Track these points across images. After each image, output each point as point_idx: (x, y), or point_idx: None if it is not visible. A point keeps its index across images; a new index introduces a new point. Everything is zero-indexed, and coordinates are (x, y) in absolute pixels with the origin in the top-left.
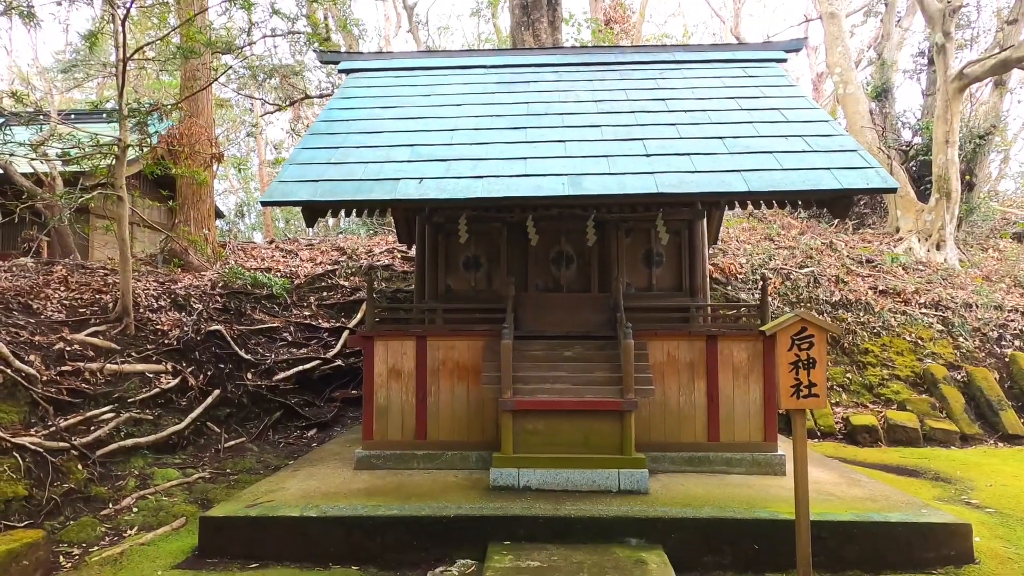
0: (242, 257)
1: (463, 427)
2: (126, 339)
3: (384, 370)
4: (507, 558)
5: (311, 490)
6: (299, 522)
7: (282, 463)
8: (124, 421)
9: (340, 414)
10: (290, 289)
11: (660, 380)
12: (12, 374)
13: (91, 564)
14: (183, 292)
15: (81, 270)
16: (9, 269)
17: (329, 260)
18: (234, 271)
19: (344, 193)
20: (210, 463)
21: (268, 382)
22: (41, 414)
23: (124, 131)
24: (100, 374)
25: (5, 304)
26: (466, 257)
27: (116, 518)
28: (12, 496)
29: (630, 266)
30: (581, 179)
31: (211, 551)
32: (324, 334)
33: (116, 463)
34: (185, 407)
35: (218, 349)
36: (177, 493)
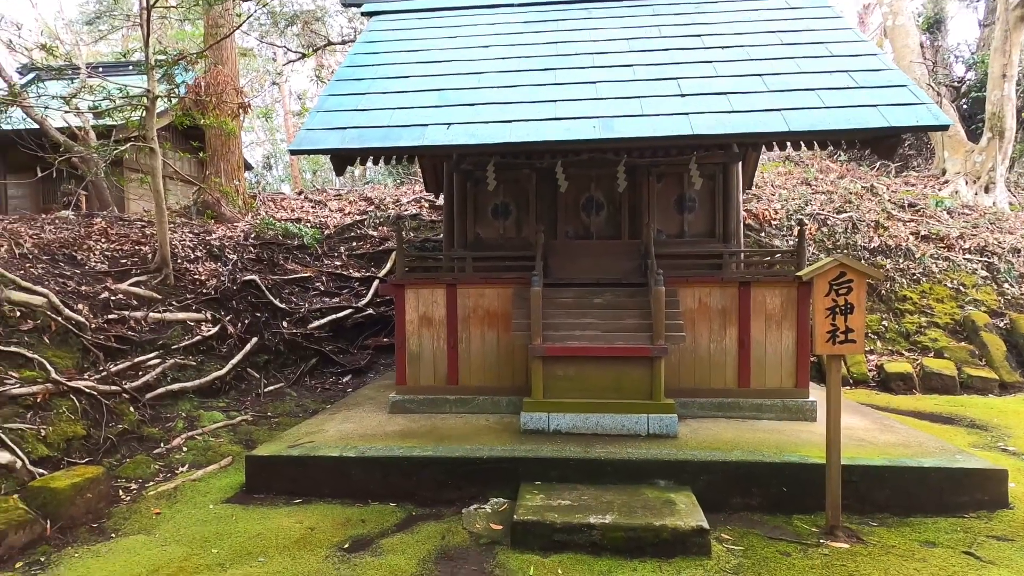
0: (272, 208)
1: (493, 373)
2: (166, 289)
3: (415, 317)
4: (538, 496)
5: (349, 432)
6: (338, 462)
7: (319, 407)
8: (170, 367)
9: (373, 361)
10: (320, 239)
11: (691, 327)
12: (63, 322)
13: (148, 498)
14: (217, 243)
15: (120, 222)
16: (52, 222)
17: (357, 210)
18: (266, 222)
19: (372, 140)
20: (252, 407)
21: (303, 330)
22: (92, 360)
23: (152, 82)
24: (144, 322)
25: (51, 255)
26: (495, 205)
27: (168, 457)
28: (72, 436)
29: (661, 212)
30: (612, 122)
31: (257, 487)
32: (355, 283)
33: (164, 406)
34: (225, 354)
35: (254, 298)
36: (223, 434)
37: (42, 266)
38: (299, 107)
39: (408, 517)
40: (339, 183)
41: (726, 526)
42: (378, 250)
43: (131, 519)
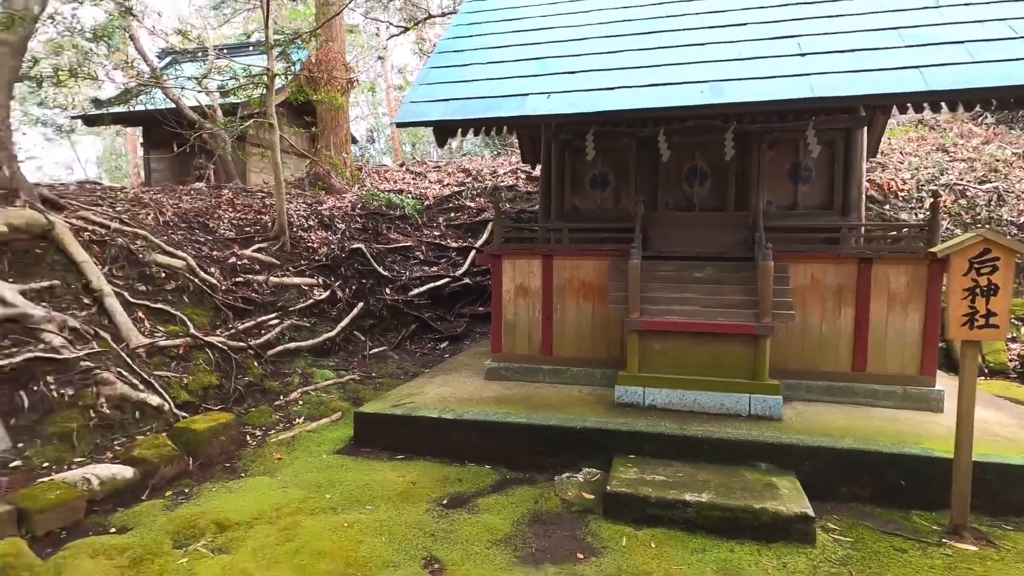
0: (377, 179)
1: (588, 345)
2: (284, 255)
3: (512, 287)
4: (631, 470)
5: (447, 395)
6: (438, 423)
7: (419, 370)
8: (287, 327)
9: (469, 329)
10: (420, 210)
11: (801, 305)
12: (199, 283)
13: (271, 444)
14: (328, 213)
15: (243, 193)
16: (188, 193)
17: (455, 182)
18: (371, 193)
19: (473, 111)
20: (358, 367)
21: (404, 297)
22: (223, 318)
23: (271, 61)
24: (265, 285)
25: (188, 223)
26: (593, 175)
27: (286, 408)
28: (208, 385)
29: (772, 182)
30: (723, 86)
31: (364, 442)
32: (453, 253)
33: (283, 362)
34: (335, 317)
35: (360, 265)
36: (333, 391)
37: (181, 233)
38: (400, 81)
39: (502, 480)
40: (437, 155)
41: (833, 515)
42: (475, 221)
43: (256, 462)
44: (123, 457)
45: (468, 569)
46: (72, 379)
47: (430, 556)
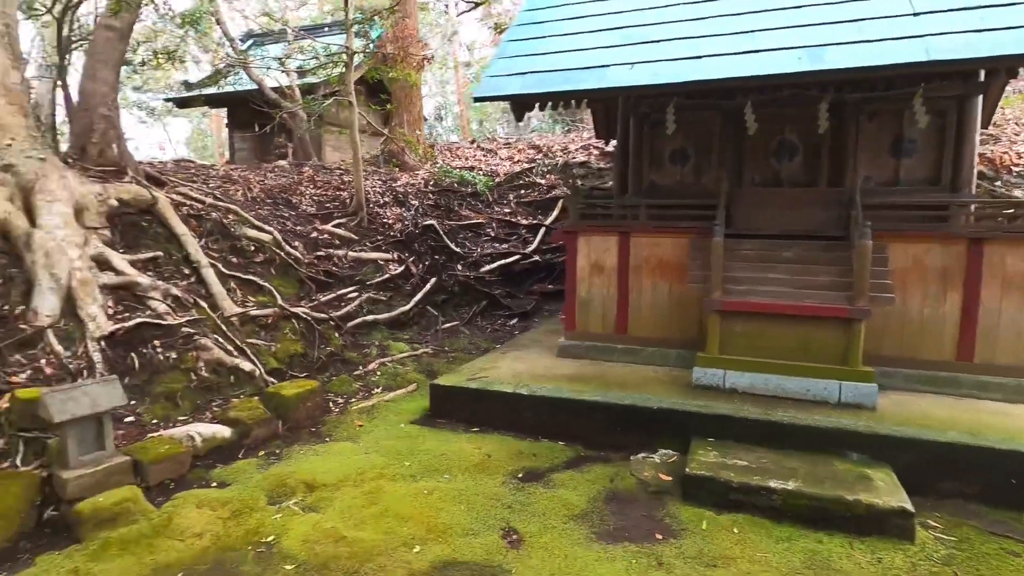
0: (448, 157)
1: (664, 324)
2: (361, 230)
3: (586, 265)
4: (711, 453)
5: (520, 371)
6: (512, 398)
7: (490, 346)
8: (365, 300)
9: (538, 306)
10: (491, 187)
11: (900, 287)
12: (285, 256)
13: (351, 412)
14: (402, 190)
15: (323, 171)
16: (272, 170)
17: (526, 158)
18: (444, 170)
19: (552, 84)
20: (431, 341)
21: (475, 273)
22: (306, 290)
23: (350, 39)
24: (344, 260)
25: (273, 199)
26: (673, 150)
27: (365, 378)
28: (294, 353)
29: (871, 156)
30: (822, 51)
31: (439, 413)
32: (523, 230)
33: (361, 334)
34: (409, 291)
35: (433, 242)
36: (408, 363)
37: (267, 208)
38: (468, 58)
39: (577, 457)
40: (503, 132)
41: (933, 512)
42: (545, 198)
43: (339, 428)
44: (221, 417)
45: (546, 542)
46: (175, 344)
47: (508, 527)
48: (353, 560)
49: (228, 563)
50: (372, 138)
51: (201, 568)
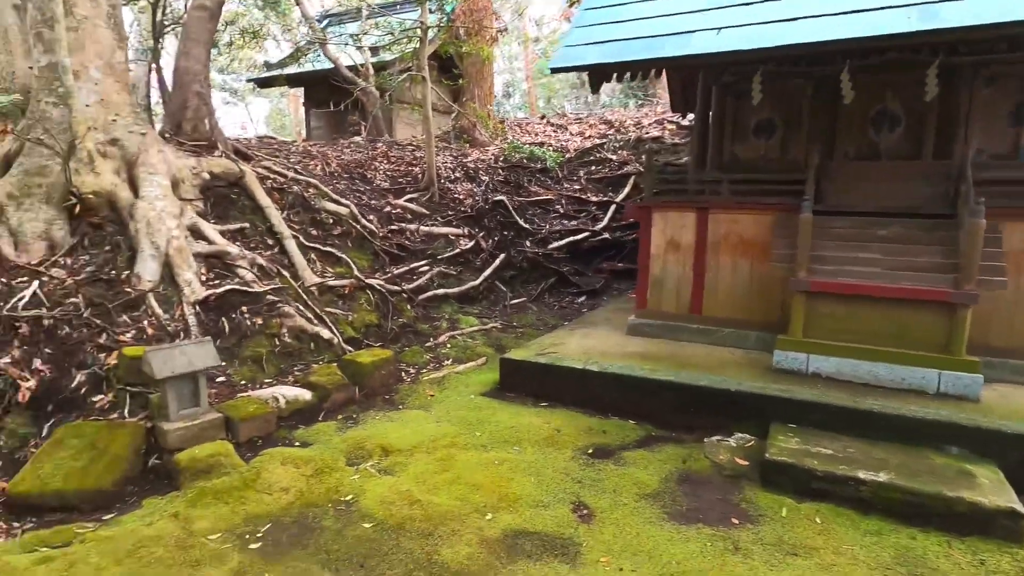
0: (518, 132)
1: (742, 305)
2: (432, 205)
3: (661, 241)
4: (793, 440)
5: (589, 348)
6: (582, 374)
7: (557, 322)
8: (436, 274)
9: (607, 284)
10: (561, 163)
11: (1014, 271)
12: (360, 229)
13: (423, 382)
14: (472, 165)
15: (396, 146)
16: (348, 146)
17: (597, 134)
18: (514, 145)
19: (632, 53)
20: (499, 316)
21: (543, 250)
22: (381, 263)
23: (424, 13)
24: (416, 234)
25: (349, 174)
26: (758, 121)
27: (436, 350)
28: (369, 323)
29: (985, 126)
30: (936, 8)
31: (509, 386)
32: (592, 207)
33: (432, 307)
34: (479, 266)
35: (502, 217)
36: (477, 337)
37: (343, 183)
38: (536, 33)
39: (648, 436)
40: (571, 108)
41: None
42: (616, 174)
43: (412, 397)
44: (302, 382)
45: (617, 518)
46: (261, 310)
47: (578, 501)
48: (427, 523)
49: (311, 518)
50: (442, 116)
51: (287, 521)
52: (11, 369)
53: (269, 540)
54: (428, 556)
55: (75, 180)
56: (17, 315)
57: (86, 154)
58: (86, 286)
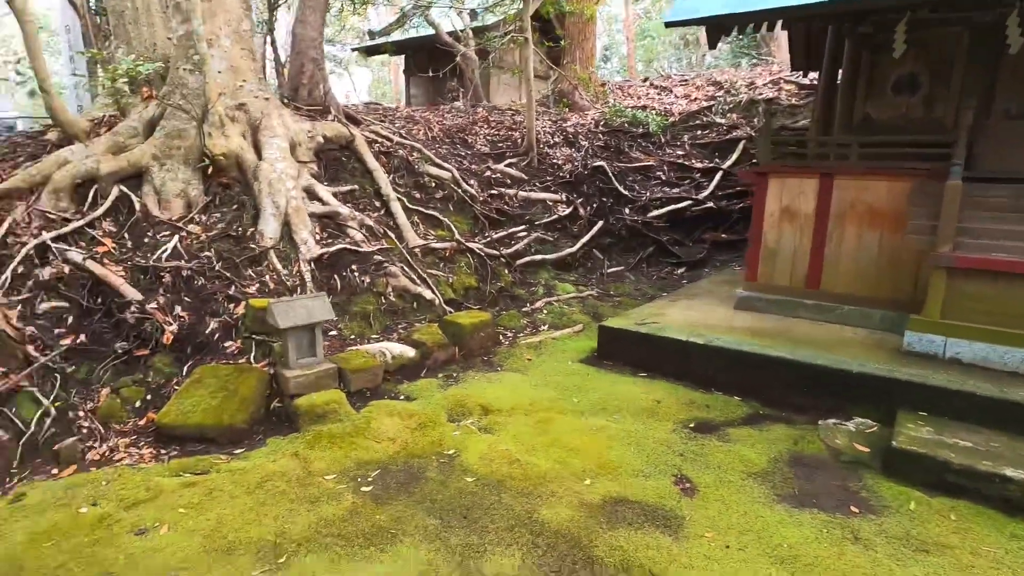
0: (619, 96)
1: (868, 281)
2: (531, 170)
3: (777, 210)
4: (923, 428)
5: (692, 320)
6: (685, 346)
7: (656, 293)
8: (533, 240)
9: (709, 255)
10: (664, 127)
11: None
12: (461, 194)
13: (520, 345)
14: (572, 130)
15: (495, 111)
16: (450, 111)
17: (704, 96)
18: (616, 109)
19: (758, 3)
20: (595, 284)
21: (643, 218)
22: (480, 227)
23: None
24: (515, 199)
25: (451, 139)
26: (898, 76)
27: (532, 315)
28: (468, 286)
29: None
30: None
31: (606, 355)
32: (696, 174)
33: (529, 272)
34: (576, 233)
35: (601, 184)
36: (573, 304)
37: (445, 147)
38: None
39: (755, 414)
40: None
41: None
42: (724, 139)
43: (509, 360)
44: (406, 339)
45: (723, 495)
46: (368, 269)
47: (680, 474)
48: (526, 482)
49: (416, 468)
50: (540, 80)
51: (394, 468)
52: (157, 314)
53: (379, 485)
54: (528, 514)
55: (207, 143)
56: (161, 265)
57: (217, 118)
58: (217, 241)
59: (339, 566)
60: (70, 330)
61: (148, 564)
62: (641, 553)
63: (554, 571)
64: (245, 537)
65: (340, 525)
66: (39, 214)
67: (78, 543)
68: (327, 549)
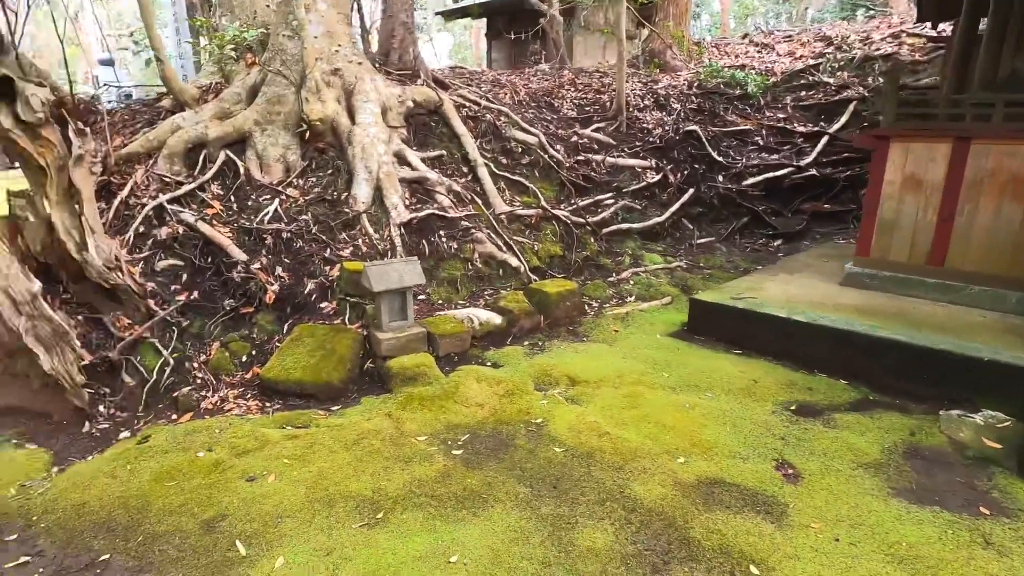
0: (715, 54)
1: (1004, 259)
2: (620, 135)
3: (898, 178)
4: None
5: (793, 296)
6: (785, 323)
7: (750, 266)
8: (620, 208)
9: (808, 227)
10: (764, 88)
11: None
12: (548, 159)
13: (606, 316)
14: (663, 92)
15: (582, 74)
16: (535, 74)
17: (811, 53)
18: (712, 68)
19: None
20: (684, 255)
21: (737, 186)
22: (566, 194)
23: None
24: (602, 165)
25: (537, 103)
26: None
27: (618, 286)
28: (553, 254)
29: None
30: None
31: (697, 329)
32: (798, 139)
33: (615, 241)
34: (665, 201)
35: (693, 149)
36: (661, 275)
37: (531, 111)
38: None
39: (864, 399)
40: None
41: None
42: (831, 100)
43: (595, 330)
44: (493, 306)
45: (830, 484)
46: (456, 235)
47: (781, 459)
48: (616, 456)
49: (504, 434)
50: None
51: (483, 434)
52: (261, 274)
53: (469, 449)
54: (620, 489)
55: (305, 108)
56: (263, 227)
57: (314, 83)
58: (313, 205)
59: (434, 525)
60: (184, 287)
61: (259, 509)
62: (741, 539)
63: (648, 549)
64: (345, 490)
65: (433, 486)
66: (156, 177)
67: (197, 484)
68: (421, 508)
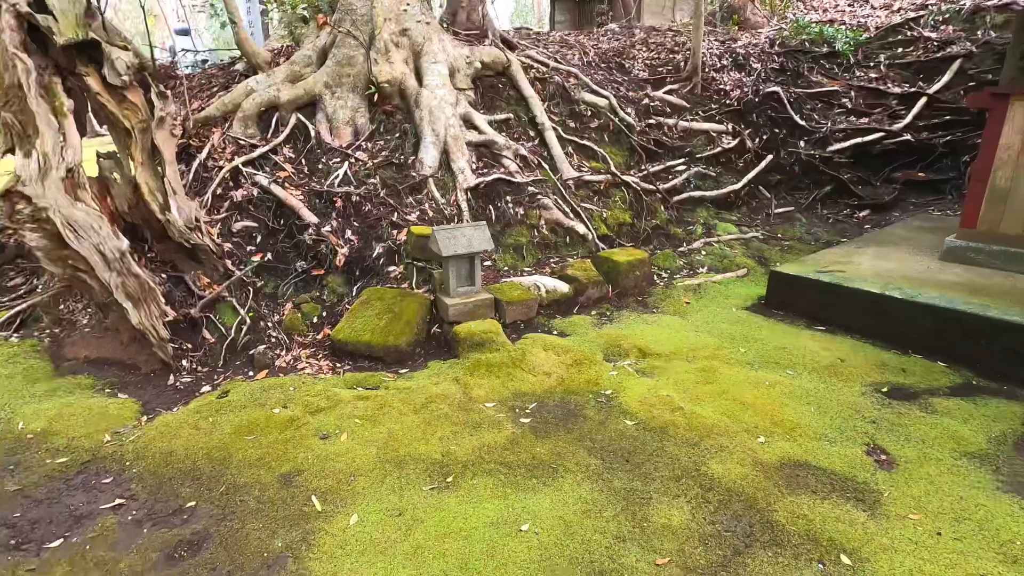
0: (801, 9)
1: None
2: (694, 97)
3: (1016, 142)
4: None
5: (886, 271)
6: (877, 299)
7: (833, 238)
8: (692, 174)
9: (900, 198)
10: (856, 44)
11: None
12: (618, 123)
13: (677, 287)
14: (742, 51)
15: (655, 32)
16: (605, 34)
17: (912, 4)
18: (798, 24)
19: None
20: (761, 225)
21: (821, 152)
22: (636, 159)
23: None
24: (674, 129)
25: (607, 64)
26: None
27: (689, 256)
28: (621, 222)
29: None
30: None
31: (776, 304)
32: (892, 101)
33: (686, 210)
34: (741, 168)
35: (773, 112)
36: (735, 246)
37: (600, 73)
38: None
39: (966, 384)
40: None
41: None
42: (932, 58)
43: (666, 302)
44: (559, 274)
45: (930, 473)
46: (522, 200)
47: (873, 444)
48: (691, 432)
49: (573, 404)
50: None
51: (551, 403)
52: (331, 236)
53: (537, 418)
54: (696, 466)
55: (374, 70)
56: (334, 191)
57: (382, 44)
58: (381, 168)
59: (504, 492)
60: (259, 248)
61: (332, 466)
62: (830, 526)
63: (728, 530)
64: (415, 452)
65: (502, 453)
66: (231, 140)
67: (273, 440)
68: (491, 474)
